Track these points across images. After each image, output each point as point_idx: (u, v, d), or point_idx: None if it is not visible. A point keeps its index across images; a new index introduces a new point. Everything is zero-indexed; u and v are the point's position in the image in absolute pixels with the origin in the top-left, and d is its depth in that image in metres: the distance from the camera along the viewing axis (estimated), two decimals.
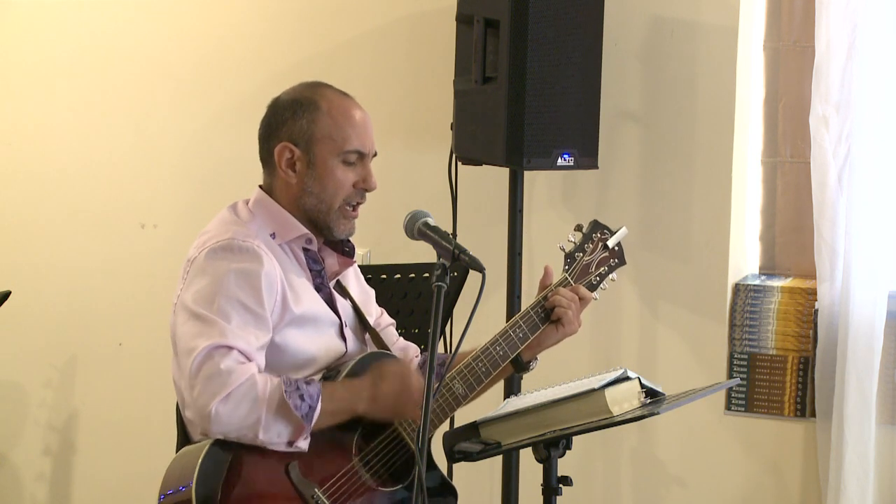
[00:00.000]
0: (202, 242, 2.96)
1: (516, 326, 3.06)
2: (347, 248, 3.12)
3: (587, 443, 4.05)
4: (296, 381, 2.86)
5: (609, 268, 3.18)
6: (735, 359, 4.19)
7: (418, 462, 2.58)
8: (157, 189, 4.86)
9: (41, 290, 5.00)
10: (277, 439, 2.83)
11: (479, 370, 3.02)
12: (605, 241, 3.17)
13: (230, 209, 3.07)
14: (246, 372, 2.81)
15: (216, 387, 2.78)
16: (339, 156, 3.01)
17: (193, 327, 2.85)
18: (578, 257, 3.14)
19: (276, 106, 3.07)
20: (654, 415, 2.87)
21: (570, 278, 3.12)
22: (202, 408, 2.78)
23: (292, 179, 3.02)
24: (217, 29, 4.78)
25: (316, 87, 3.08)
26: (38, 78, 5.01)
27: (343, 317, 3.08)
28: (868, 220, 3.95)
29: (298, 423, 2.82)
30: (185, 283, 2.93)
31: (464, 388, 3.01)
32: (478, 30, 3.93)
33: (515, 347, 3.06)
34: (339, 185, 3.01)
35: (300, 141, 3.00)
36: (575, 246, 3.15)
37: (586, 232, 3.16)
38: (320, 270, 3.07)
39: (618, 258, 3.19)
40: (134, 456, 4.87)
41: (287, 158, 3.01)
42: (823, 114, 3.99)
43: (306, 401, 2.82)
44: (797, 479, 4.15)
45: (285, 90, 3.10)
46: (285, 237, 3.02)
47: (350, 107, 3.04)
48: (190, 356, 2.82)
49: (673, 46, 4.21)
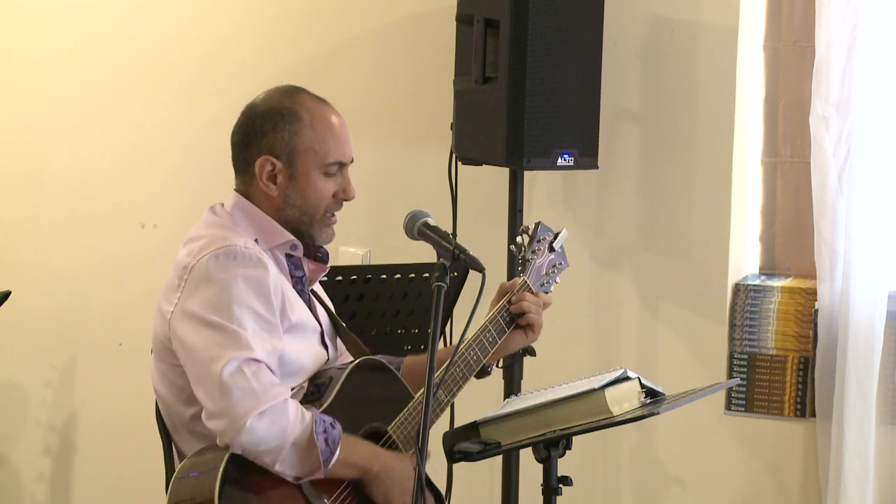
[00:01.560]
0: (197, 249, 2.92)
1: (486, 331, 3.04)
2: (320, 254, 3.10)
3: (587, 443, 4.05)
4: (324, 423, 2.83)
5: (556, 269, 3.16)
6: (735, 359, 4.19)
7: (418, 461, 2.58)
8: (157, 189, 4.86)
9: (41, 290, 5.00)
10: (289, 471, 2.82)
11: (457, 375, 3.01)
12: (551, 243, 3.14)
13: (212, 213, 3.03)
14: (281, 394, 2.80)
15: (252, 401, 2.76)
16: (321, 168, 2.98)
17: (209, 336, 2.82)
18: (532, 259, 3.11)
19: (253, 114, 3.00)
20: (654, 415, 2.87)
21: (528, 281, 3.10)
22: (236, 419, 2.75)
23: (273, 192, 2.99)
24: (217, 29, 4.78)
25: (294, 94, 3.02)
26: (38, 78, 5.01)
27: (322, 323, 3.08)
28: (868, 220, 3.95)
29: (316, 465, 2.81)
30: (186, 292, 2.89)
31: (445, 394, 3.00)
32: (478, 30, 3.93)
33: (486, 352, 3.05)
34: (320, 196, 2.99)
35: (282, 154, 2.96)
36: (525, 249, 3.11)
37: (532, 234, 3.12)
38: (301, 277, 3.06)
39: (563, 260, 3.18)
40: (134, 456, 4.87)
41: (268, 171, 2.97)
42: (823, 114, 3.99)
43: (329, 446, 2.82)
44: (797, 479, 4.15)
45: (260, 95, 3.04)
46: (269, 243, 2.99)
47: (330, 116, 3.00)
48: (213, 366, 2.78)
49: (673, 46, 4.21)
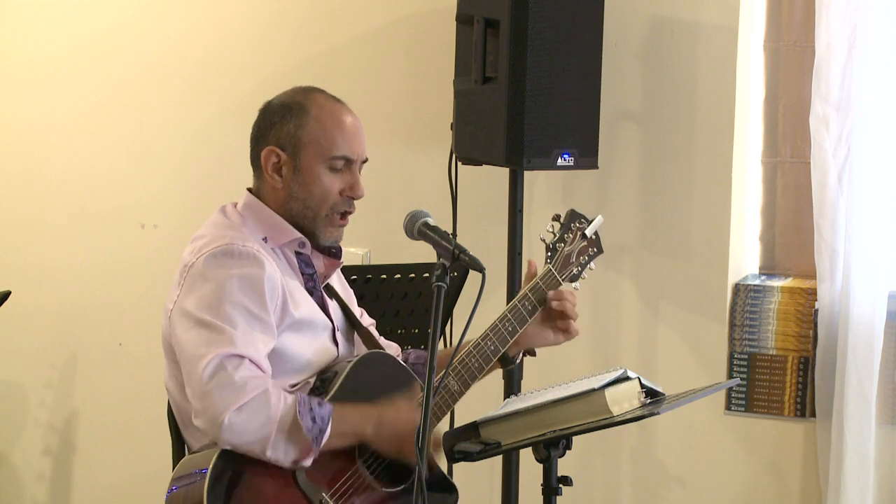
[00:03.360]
0: (198, 248, 2.93)
1: (505, 320, 3.04)
2: (334, 250, 3.10)
3: (587, 443, 4.05)
4: (308, 402, 2.84)
5: (589, 257, 3.17)
6: (735, 359, 4.19)
7: (419, 461, 2.58)
8: (157, 189, 4.86)
9: (41, 290, 5.00)
10: (284, 457, 2.82)
11: (472, 366, 3.00)
12: (583, 230, 3.15)
13: (221, 212, 3.05)
14: (260, 385, 2.80)
15: (230, 397, 2.76)
16: (326, 162, 2.99)
17: (200, 334, 2.83)
18: (560, 248, 3.13)
19: (267, 110, 3.05)
20: (654, 415, 2.87)
21: (553, 269, 3.11)
22: (215, 417, 2.76)
23: (278, 184, 3.00)
24: (217, 29, 4.78)
25: (308, 92, 3.05)
26: (38, 78, 5.01)
27: (334, 320, 3.08)
28: (868, 220, 3.95)
29: (307, 445, 2.81)
30: (184, 290, 2.90)
31: (459, 385, 2.99)
32: (478, 30, 3.93)
33: (505, 341, 3.04)
34: (324, 191, 2.99)
35: (287, 145, 2.99)
36: (555, 237, 3.13)
37: (564, 222, 3.14)
38: (312, 274, 3.06)
39: (596, 247, 3.18)
40: (134, 456, 4.87)
41: (273, 163, 2.99)
42: (823, 114, 3.99)
43: (317, 423, 2.81)
44: (797, 479, 4.15)
45: (278, 94, 3.08)
46: (278, 241, 3.01)
47: (340, 112, 3.02)
48: (199, 364, 2.80)
49: (673, 46, 4.21)
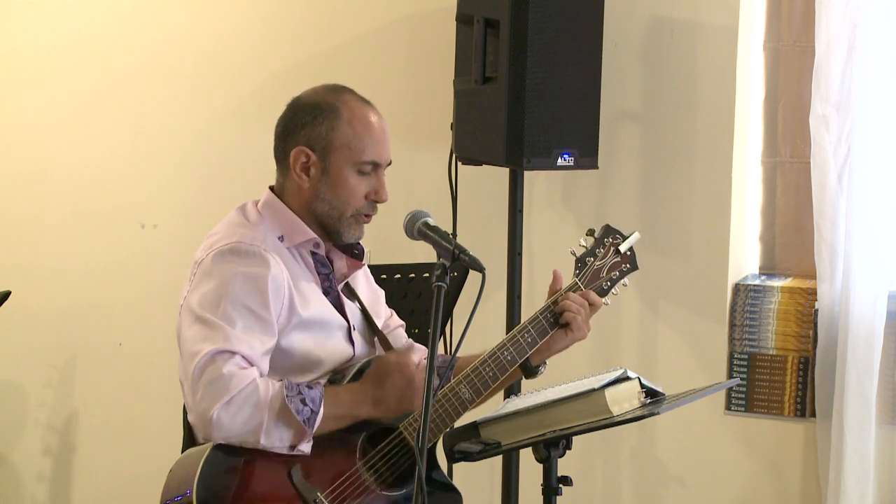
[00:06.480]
0: (209, 245, 2.95)
1: (525, 331, 3.03)
2: (356, 251, 3.10)
3: (587, 443, 4.04)
4: (297, 386, 2.85)
5: (621, 273, 3.14)
6: (735, 359, 4.19)
7: (419, 461, 2.57)
8: (157, 189, 4.86)
9: (41, 290, 5.00)
10: (279, 444, 2.82)
11: (486, 375, 2.98)
12: (617, 245, 3.13)
13: (239, 211, 3.05)
14: (247, 377, 2.80)
15: (217, 392, 2.77)
16: (355, 166, 3.00)
17: (198, 331, 2.84)
18: (589, 262, 3.11)
19: (297, 107, 3.04)
20: (654, 415, 2.87)
21: (580, 283, 3.09)
22: (203, 413, 2.78)
23: (305, 184, 3.00)
24: (217, 29, 4.78)
25: (339, 92, 3.05)
26: (38, 77, 5.01)
27: (351, 320, 3.07)
28: (868, 220, 3.95)
29: (300, 428, 2.82)
30: (192, 286, 2.92)
31: (470, 393, 2.97)
32: (478, 30, 3.93)
33: (524, 352, 3.02)
34: (351, 194, 3.00)
35: (317, 147, 2.99)
36: (586, 250, 3.12)
37: (598, 236, 3.13)
38: (328, 274, 3.06)
39: (630, 263, 3.15)
40: (134, 456, 4.87)
41: (302, 163, 3.00)
42: (823, 114, 3.99)
43: (308, 405, 2.82)
44: (797, 479, 4.15)
45: (307, 90, 3.08)
46: (293, 241, 3.01)
47: (370, 116, 3.02)
48: (193, 360, 2.81)
49: (673, 46, 4.21)
